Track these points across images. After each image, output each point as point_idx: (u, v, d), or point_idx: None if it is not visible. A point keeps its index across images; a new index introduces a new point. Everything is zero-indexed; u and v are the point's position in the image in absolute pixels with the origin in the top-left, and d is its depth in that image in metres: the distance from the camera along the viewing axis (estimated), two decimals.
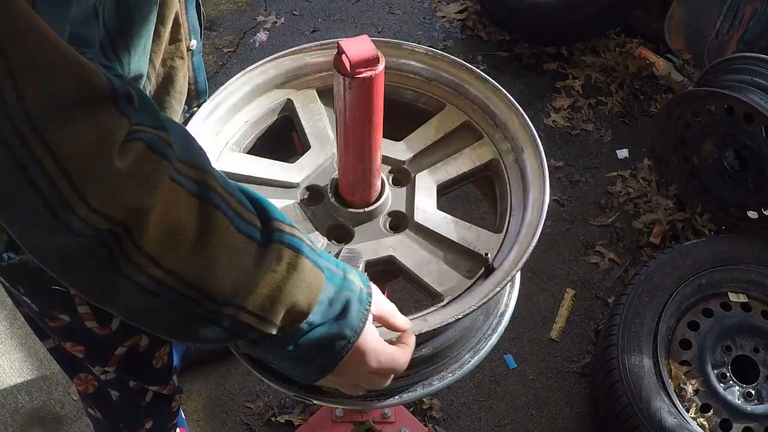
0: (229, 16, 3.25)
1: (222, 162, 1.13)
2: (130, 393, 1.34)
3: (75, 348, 1.18)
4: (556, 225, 2.48)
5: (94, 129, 0.55)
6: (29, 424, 1.99)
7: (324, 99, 1.22)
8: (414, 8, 3.30)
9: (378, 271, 1.05)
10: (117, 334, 1.18)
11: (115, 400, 1.35)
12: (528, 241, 1.00)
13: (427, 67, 1.24)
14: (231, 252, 0.63)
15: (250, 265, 0.65)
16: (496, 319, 1.14)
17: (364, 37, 0.89)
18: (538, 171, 1.08)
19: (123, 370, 1.27)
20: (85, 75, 0.55)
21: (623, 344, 1.86)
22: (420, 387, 1.06)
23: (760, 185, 2.21)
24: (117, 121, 0.57)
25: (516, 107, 1.15)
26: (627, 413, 1.79)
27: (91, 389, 1.34)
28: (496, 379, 2.11)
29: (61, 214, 0.55)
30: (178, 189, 0.60)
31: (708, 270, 2.00)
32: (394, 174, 1.15)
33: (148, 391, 1.37)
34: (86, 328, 1.13)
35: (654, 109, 2.84)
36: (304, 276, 0.68)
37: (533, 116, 2.78)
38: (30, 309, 1.13)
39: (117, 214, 0.57)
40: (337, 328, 0.72)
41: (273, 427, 1.99)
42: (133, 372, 1.30)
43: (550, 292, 2.32)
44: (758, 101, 2.11)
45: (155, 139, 0.59)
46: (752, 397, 1.87)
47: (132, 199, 0.57)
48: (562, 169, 2.65)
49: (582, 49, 3.03)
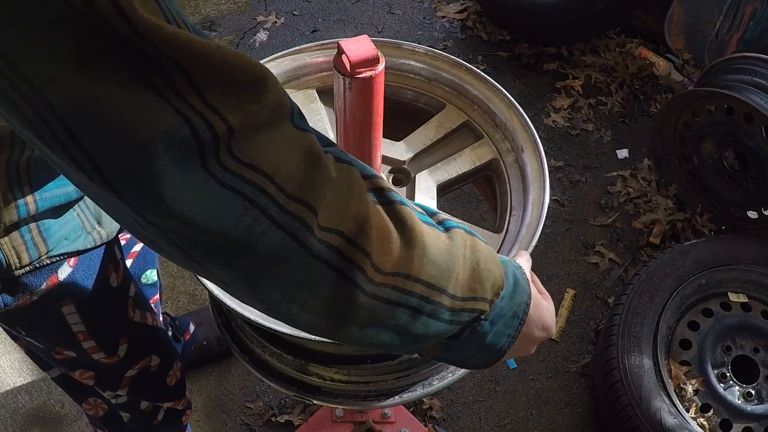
0: (229, 16, 3.25)
1: None
2: (142, 414, 1.32)
3: (84, 375, 1.16)
4: (556, 225, 2.48)
5: (296, 146, 0.53)
6: (29, 424, 1.99)
7: (324, 99, 1.22)
8: (414, 8, 3.30)
9: None
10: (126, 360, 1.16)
11: (126, 422, 1.33)
12: (528, 241, 1.00)
13: (427, 67, 1.24)
14: (431, 238, 0.62)
15: (448, 247, 0.64)
16: None
17: (364, 37, 0.89)
18: (538, 171, 1.08)
19: (135, 392, 1.24)
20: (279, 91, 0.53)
21: (623, 344, 1.86)
22: (420, 387, 1.06)
23: (760, 185, 2.21)
24: (307, 136, 0.55)
25: (516, 107, 1.15)
26: (627, 413, 1.79)
27: (101, 413, 1.32)
28: (496, 379, 2.11)
29: (302, 237, 0.53)
30: (368, 197, 0.59)
31: (708, 270, 2.00)
32: (394, 174, 1.15)
33: (160, 410, 1.35)
34: (93, 360, 1.11)
35: (654, 109, 2.84)
36: (487, 254, 0.68)
37: (533, 116, 2.78)
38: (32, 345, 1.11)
39: (344, 225, 0.55)
40: (517, 297, 0.72)
41: (273, 427, 1.99)
42: (145, 392, 1.28)
43: (550, 292, 2.31)
44: (758, 101, 2.11)
45: (335, 152, 0.58)
46: (752, 397, 1.87)
47: (350, 207, 0.56)
48: (562, 169, 2.65)
49: (582, 49, 3.03)
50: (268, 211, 0.51)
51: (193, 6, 3.29)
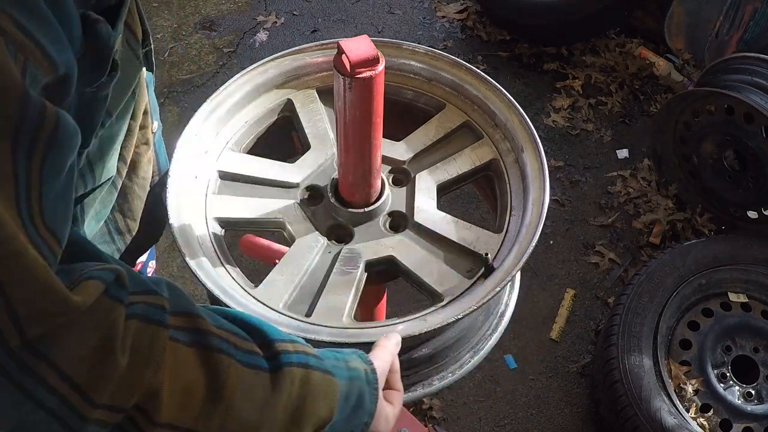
0: (229, 16, 3.25)
1: (222, 162, 1.13)
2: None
3: None
4: (556, 225, 2.48)
5: (93, 332, 0.55)
6: None
7: (324, 99, 1.22)
8: (414, 8, 3.30)
9: (378, 271, 1.05)
10: None
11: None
12: (528, 241, 1.00)
13: (427, 67, 1.23)
14: (246, 390, 0.64)
15: (266, 395, 0.66)
16: (496, 319, 1.14)
17: (364, 37, 0.89)
18: (538, 171, 1.08)
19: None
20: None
21: (623, 344, 1.86)
22: (420, 387, 1.06)
23: (760, 185, 2.21)
24: (114, 311, 0.56)
25: (516, 107, 1.15)
26: (627, 413, 1.79)
27: None
28: (496, 379, 2.11)
29: (74, 425, 0.55)
30: (178, 347, 0.61)
31: (708, 270, 2.00)
32: (394, 174, 1.15)
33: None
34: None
35: (654, 109, 2.84)
36: (319, 388, 0.70)
37: (533, 116, 2.78)
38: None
39: (129, 402, 0.57)
40: (356, 419, 0.76)
41: None
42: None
43: (550, 292, 2.32)
44: (758, 101, 2.11)
45: (150, 311, 0.59)
46: (752, 397, 1.87)
47: (141, 383, 0.57)
48: (562, 169, 2.65)
49: (582, 49, 3.03)
50: (40, 398, 0.53)
51: (193, 6, 3.29)
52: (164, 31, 3.17)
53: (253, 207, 1.09)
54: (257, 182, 1.12)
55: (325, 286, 1.00)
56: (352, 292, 1.00)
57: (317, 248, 1.04)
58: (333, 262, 1.03)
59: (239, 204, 1.09)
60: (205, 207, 1.07)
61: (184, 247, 0.97)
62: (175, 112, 2.83)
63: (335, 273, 1.01)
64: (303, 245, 1.04)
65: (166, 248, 2.37)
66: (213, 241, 1.03)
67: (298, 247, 1.04)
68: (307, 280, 1.01)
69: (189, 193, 1.05)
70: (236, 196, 1.11)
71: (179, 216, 1.00)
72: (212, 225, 1.05)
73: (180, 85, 2.94)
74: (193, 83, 2.95)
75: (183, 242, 0.98)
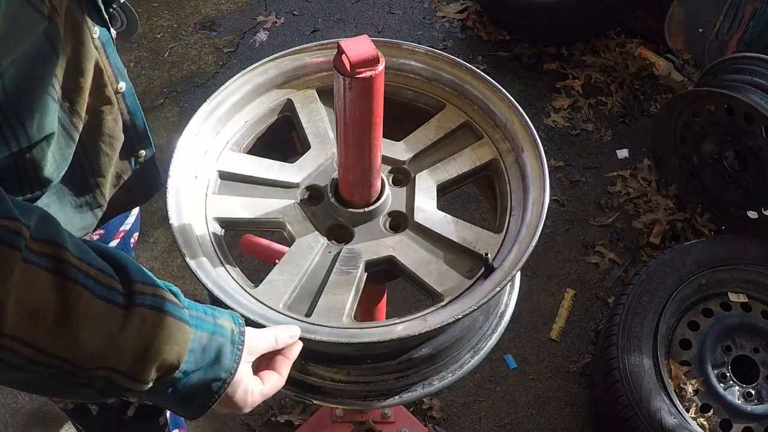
0: (229, 16, 3.26)
1: (222, 162, 1.13)
2: (109, 408, 1.34)
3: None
4: (556, 225, 2.48)
5: None
6: (29, 424, 1.99)
7: (324, 99, 1.22)
8: (414, 8, 3.30)
9: (378, 271, 1.05)
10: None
11: (95, 415, 1.35)
12: (528, 241, 1.00)
13: (427, 67, 1.23)
14: (95, 319, 0.68)
15: (115, 329, 0.69)
16: (496, 319, 1.14)
17: (364, 37, 0.89)
18: (538, 171, 1.08)
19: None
20: None
21: (623, 344, 1.86)
22: (420, 387, 1.06)
23: (760, 185, 2.21)
24: None
25: (516, 107, 1.15)
26: (627, 413, 1.79)
27: (70, 405, 1.35)
28: (496, 379, 2.11)
29: None
30: (34, 269, 0.64)
31: (708, 270, 2.00)
32: (394, 174, 1.15)
33: (130, 406, 1.37)
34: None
35: (654, 109, 2.84)
36: (170, 333, 0.73)
37: (533, 116, 2.78)
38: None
39: None
40: (212, 373, 0.78)
41: (273, 427, 1.99)
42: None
43: (550, 292, 2.32)
44: (758, 101, 2.11)
45: (3, 233, 0.63)
46: (752, 397, 1.87)
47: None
48: (562, 169, 2.65)
49: (582, 49, 3.03)
50: None
51: (193, 6, 3.29)
52: (164, 31, 3.17)
53: (253, 207, 1.09)
54: (257, 182, 1.12)
55: (325, 286, 1.00)
56: (352, 292, 1.00)
57: (317, 248, 1.04)
58: (333, 262, 1.03)
59: (239, 204, 1.09)
60: (205, 207, 1.07)
61: (184, 247, 0.97)
62: (175, 112, 2.83)
63: (335, 273, 1.01)
64: (303, 245, 1.04)
65: (166, 248, 2.37)
66: (213, 241, 1.03)
67: (298, 247, 1.04)
68: (307, 280, 1.01)
69: (189, 193, 1.05)
70: (236, 196, 1.11)
71: (179, 216, 1.00)
72: (212, 225, 1.05)
73: (180, 85, 2.94)
74: (193, 83, 2.95)
75: (183, 242, 0.98)
